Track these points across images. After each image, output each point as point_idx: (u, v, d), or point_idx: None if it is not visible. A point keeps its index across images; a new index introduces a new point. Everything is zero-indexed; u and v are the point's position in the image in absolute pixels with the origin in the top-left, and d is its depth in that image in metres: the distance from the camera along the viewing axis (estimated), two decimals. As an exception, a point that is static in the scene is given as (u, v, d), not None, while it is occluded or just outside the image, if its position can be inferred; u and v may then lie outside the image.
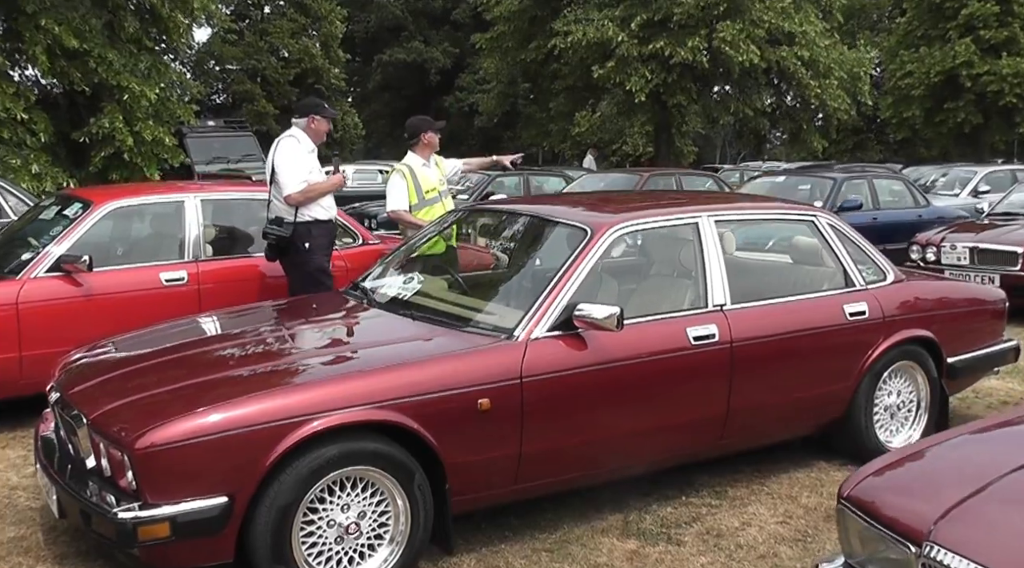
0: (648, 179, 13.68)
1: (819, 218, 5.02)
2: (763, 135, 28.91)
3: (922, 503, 2.57)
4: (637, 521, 4.41)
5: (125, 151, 12.58)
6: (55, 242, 5.85)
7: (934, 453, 3.00)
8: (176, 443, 3.36)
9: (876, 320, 4.89)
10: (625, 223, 4.41)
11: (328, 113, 6.31)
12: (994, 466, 2.70)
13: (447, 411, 3.75)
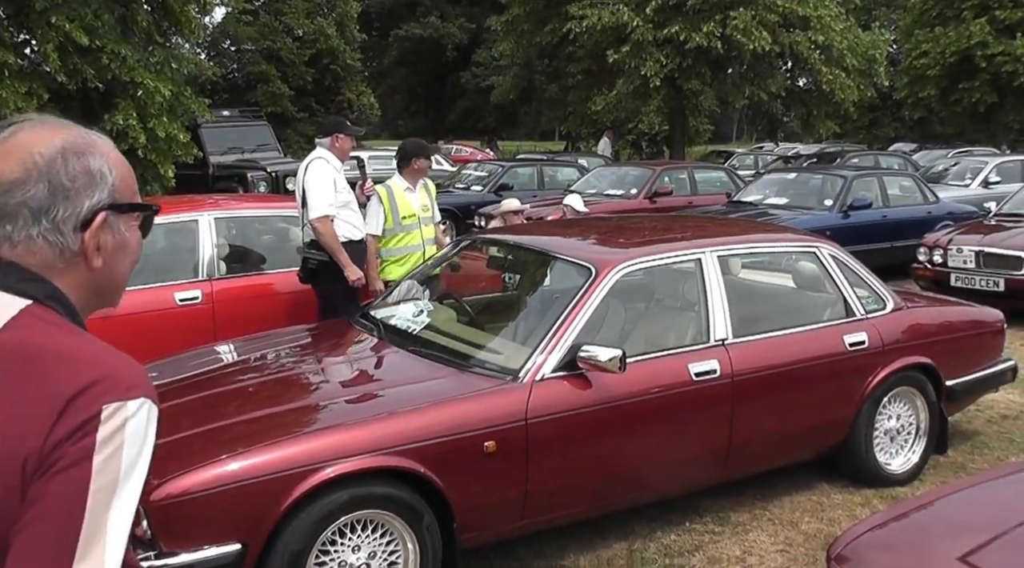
0: (660, 173, 13.74)
1: (821, 249, 5.10)
2: (777, 118, 28.85)
3: (908, 565, 2.68)
4: (641, 550, 4.52)
5: (139, 149, 12.67)
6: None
7: (926, 511, 3.10)
8: (192, 495, 3.48)
9: (876, 349, 4.97)
10: (630, 261, 4.50)
11: (351, 130, 6.39)
12: (984, 527, 2.80)
13: (454, 454, 3.87)
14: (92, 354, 1.27)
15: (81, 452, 1.19)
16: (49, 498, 1.17)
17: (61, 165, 1.32)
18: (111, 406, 1.22)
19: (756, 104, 23.90)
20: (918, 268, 9.87)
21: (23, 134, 1.34)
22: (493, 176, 16.49)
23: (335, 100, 38.30)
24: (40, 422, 1.19)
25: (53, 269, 1.34)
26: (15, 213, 1.31)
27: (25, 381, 1.22)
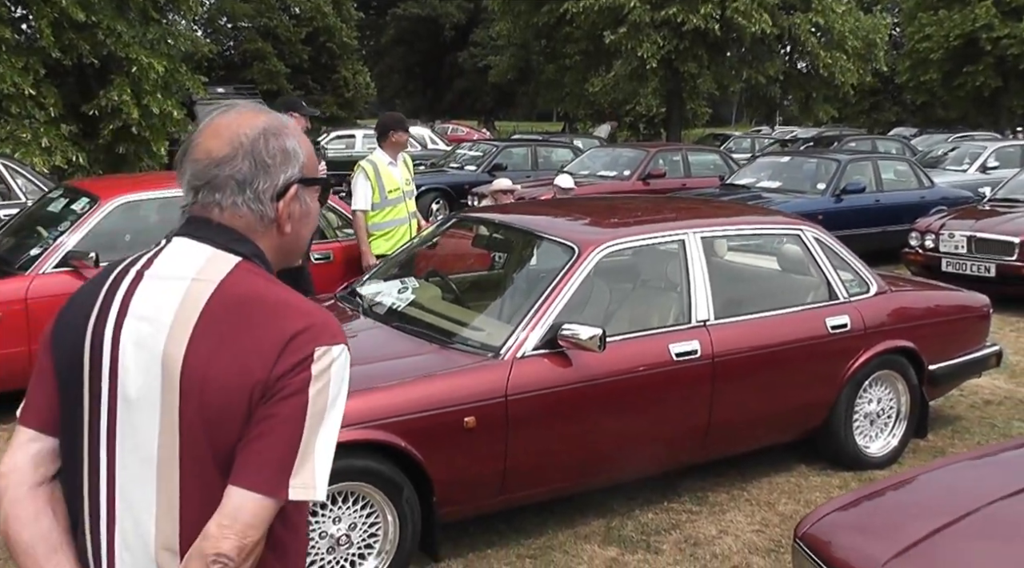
0: (654, 155, 13.76)
1: (805, 232, 5.13)
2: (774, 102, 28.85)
3: (873, 545, 2.72)
4: (619, 528, 4.58)
5: (133, 125, 12.67)
6: (63, 238, 6.01)
7: (895, 491, 3.15)
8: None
9: (858, 333, 5.02)
10: (613, 241, 4.53)
11: (306, 110, 6.39)
12: (952, 506, 2.86)
13: (434, 429, 3.92)
14: (304, 305, 1.53)
15: (299, 384, 1.45)
16: (274, 419, 1.43)
17: (263, 144, 1.57)
18: (321, 349, 1.48)
19: (754, 87, 23.87)
20: (909, 253, 9.91)
21: (229, 117, 1.60)
22: (487, 156, 16.52)
23: (331, 79, 38.23)
24: (265, 358, 1.45)
25: (254, 232, 1.59)
26: (224, 184, 1.56)
27: (251, 324, 1.48)
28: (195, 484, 1.46)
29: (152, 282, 1.54)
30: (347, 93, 39.03)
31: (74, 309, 1.60)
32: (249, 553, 1.43)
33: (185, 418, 1.45)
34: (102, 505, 1.53)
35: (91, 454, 1.53)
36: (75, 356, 1.55)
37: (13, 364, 5.70)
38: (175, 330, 1.48)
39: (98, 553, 1.54)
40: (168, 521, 1.47)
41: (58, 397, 1.57)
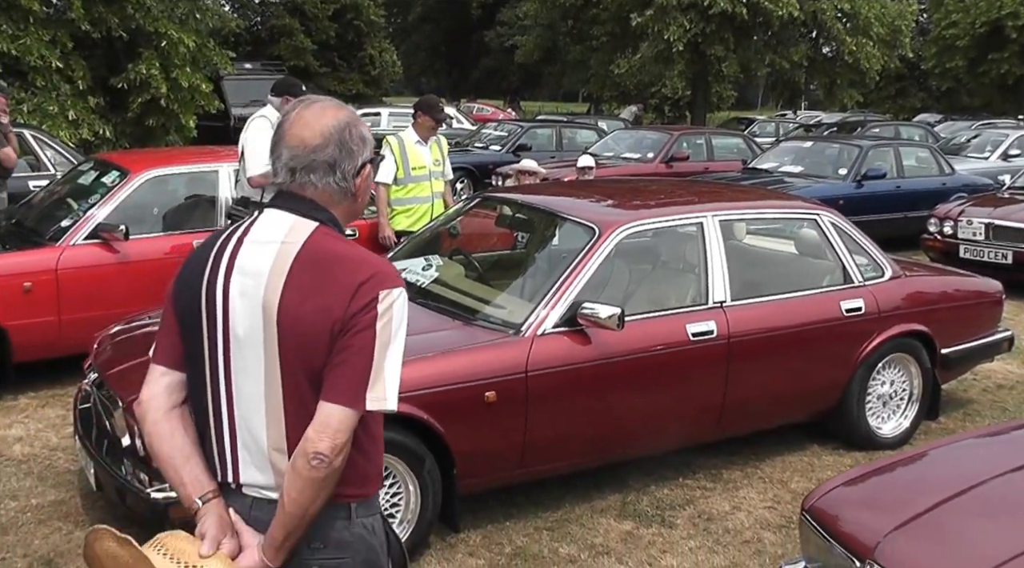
0: (678, 138, 13.80)
1: (822, 217, 5.20)
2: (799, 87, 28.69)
3: (876, 518, 2.82)
4: (635, 502, 4.70)
5: (161, 98, 12.81)
6: (93, 210, 6.15)
7: (899, 468, 3.24)
8: (204, 429, 3.67)
9: (872, 316, 5.09)
10: (633, 223, 4.62)
11: (302, 93, 6.48)
12: (958, 481, 2.95)
13: (456, 403, 4.03)
14: (369, 257, 1.96)
15: (368, 320, 1.86)
16: (351, 349, 1.86)
17: (347, 134, 1.98)
18: (384, 292, 1.88)
19: (778, 72, 23.76)
20: (928, 239, 9.93)
21: (315, 111, 2.00)
22: (512, 136, 16.58)
23: (357, 56, 38.22)
24: (341, 300, 1.86)
25: (334, 203, 2.00)
26: (317, 167, 1.97)
27: (329, 274, 1.89)
28: (294, 400, 1.90)
29: (251, 245, 1.96)
30: (373, 71, 39.02)
31: (189, 269, 2.02)
32: (339, 452, 1.84)
33: (283, 350, 1.89)
34: (224, 420, 1.98)
35: (213, 382, 1.98)
36: (193, 307, 1.97)
37: (44, 333, 5.86)
38: (271, 282, 1.90)
39: (223, 456, 2.00)
40: (276, 429, 1.92)
41: (182, 340, 2.00)
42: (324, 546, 1.96)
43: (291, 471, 1.87)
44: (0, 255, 5.98)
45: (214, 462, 2.01)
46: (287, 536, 1.90)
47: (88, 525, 4.30)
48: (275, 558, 1.92)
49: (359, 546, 2.00)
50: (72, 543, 4.14)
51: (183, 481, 1.99)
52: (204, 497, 1.97)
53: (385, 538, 2.09)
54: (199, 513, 1.97)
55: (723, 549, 4.28)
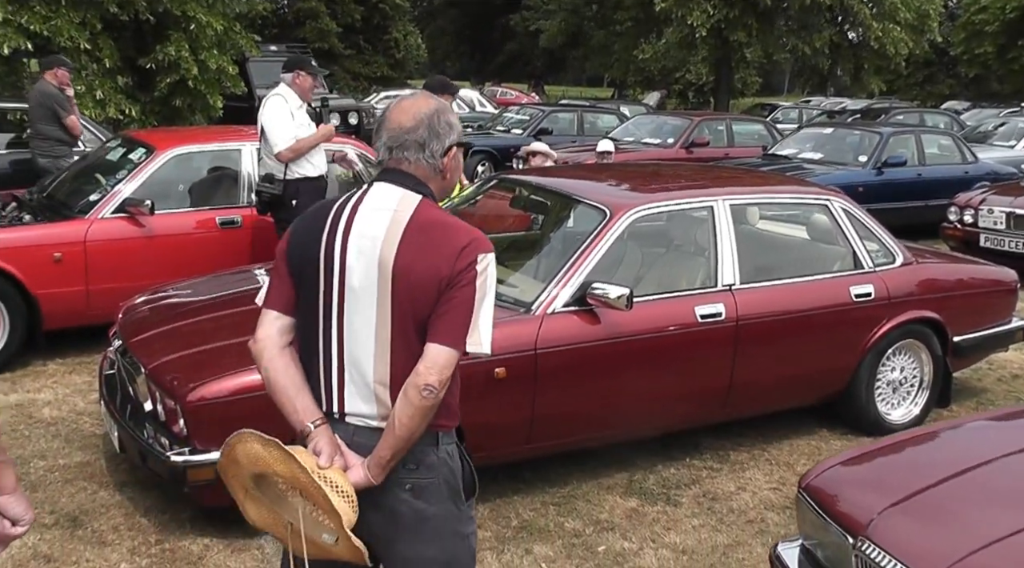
0: (698, 124, 13.81)
1: (832, 202, 5.25)
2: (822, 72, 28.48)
3: (871, 496, 2.90)
4: (641, 481, 4.79)
5: (190, 79, 12.95)
6: (120, 185, 6.29)
7: (899, 448, 3.31)
8: (223, 398, 3.80)
9: (881, 302, 5.15)
10: (644, 205, 4.69)
11: (313, 70, 6.57)
12: (957, 461, 3.02)
13: (466, 378, 4.10)
14: (467, 226, 2.31)
15: (470, 278, 2.22)
16: (455, 300, 2.21)
17: (436, 119, 2.34)
18: (482, 255, 2.25)
19: (802, 58, 23.62)
20: (948, 228, 9.92)
21: (411, 100, 2.39)
22: (534, 120, 16.64)
23: (382, 39, 38.32)
24: (448, 260, 2.21)
25: (428, 179, 2.36)
26: (410, 146, 2.32)
27: (437, 238, 2.24)
28: (401, 341, 2.24)
29: (366, 212, 2.30)
30: (398, 54, 39.15)
31: (302, 231, 2.38)
32: (444, 386, 2.21)
33: (395, 300, 2.23)
34: (334, 359, 2.31)
35: (325, 326, 2.31)
36: (309, 261, 2.32)
37: (72, 302, 6.02)
38: (386, 243, 2.24)
39: (330, 390, 2.32)
40: (382, 364, 2.26)
41: (294, 290, 2.35)
42: (417, 467, 2.31)
43: (403, 400, 2.21)
44: (32, 227, 6.14)
45: (320, 395, 2.33)
46: (393, 456, 2.24)
47: (112, 486, 4.46)
48: (379, 475, 2.26)
49: (442, 469, 2.34)
50: (96, 502, 4.29)
51: (296, 409, 2.31)
52: (315, 422, 2.30)
53: (460, 465, 2.41)
54: (311, 436, 2.28)
55: (726, 528, 4.37)
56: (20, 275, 5.85)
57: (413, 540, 2.33)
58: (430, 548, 2.34)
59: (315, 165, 6.43)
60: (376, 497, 2.27)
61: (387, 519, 2.31)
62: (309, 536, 2.27)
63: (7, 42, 11.00)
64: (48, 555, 3.83)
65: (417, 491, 2.31)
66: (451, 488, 2.36)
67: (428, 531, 2.33)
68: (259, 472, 2.28)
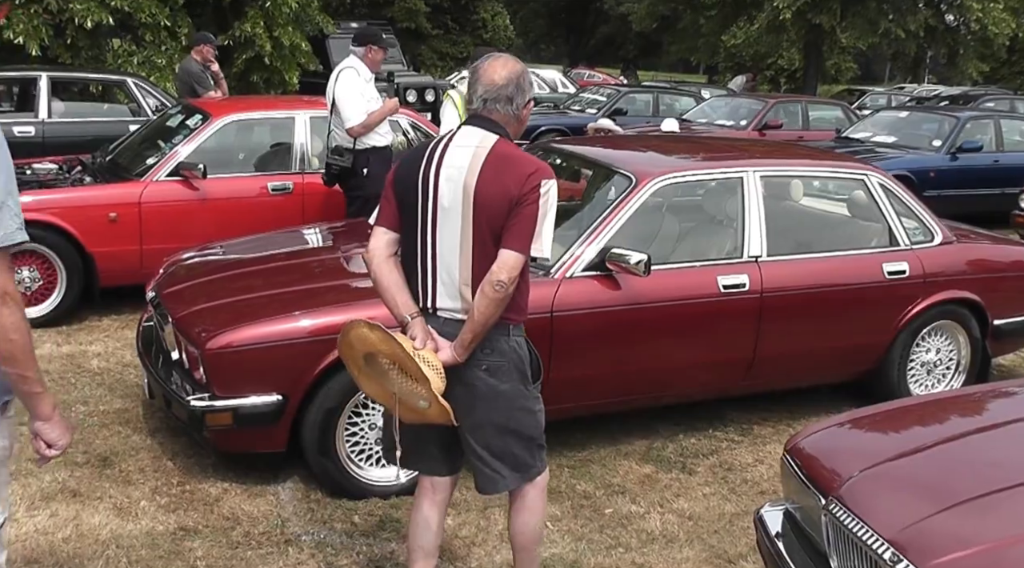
0: (773, 106, 13.59)
1: (870, 177, 5.15)
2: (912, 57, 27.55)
3: (847, 461, 2.88)
4: (660, 449, 4.81)
5: (265, 56, 13.26)
6: (175, 149, 6.53)
7: (887, 416, 3.27)
8: (241, 347, 3.94)
9: (916, 280, 5.04)
10: (670, 174, 4.68)
11: (385, 42, 6.68)
12: (933, 434, 2.99)
13: (480, 337, 4.19)
14: (534, 159, 2.91)
15: (534, 198, 2.79)
16: (521, 216, 2.78)
17: (522, 78, 2.94)
18: (544, 180, 2.82)
19: (894, 42, 22.91)
20: (1019, 215, 9.59)
21: (502, 60, 2.95)
22: (610, 100, 16.56)
23: (470, 19, 38.40)
24: (517, 184, 2.78)
25: (508, 124, 2.95)
26: (500, 98, 2.91)
27: (509, 167, 2.82)
28: (480, 249, 2.82)
29: (454, 148, 2.89)
30: (485, 34, 39.16)
31: (404, 166, 2.97)
32: (512, 282, 2.80)
33: (475, 216, 2.81)
34: (429, 264, 2.91)
35: (422, 238, 2.91)
36: (410, 188, 2.91)
37: (127, 261, 6.27)
38: (469, 171, 2.83)
39: (426, 289, 2.93)
40: (466, 269, 2.85)
41: (398, 211, 2.95)
42: (491, 351, 2.90)
43: (480, 293, 2.80)
44: (89, 187, 6.42)
45: (417, 293, 2.94)
46: (473, 338, 2.83)
47: (144, 431, 4.67)
48: (462, 354, 2.86)
49: (512, 355, 2.94)
50: (128, 445, 4.51)
51: (397, 303, 2.94)
52: (412, 314, 2.92)
53: (528, 354, 3.00)
54: (408, 325, 2.91)
55: (737, 497, 4.36)
56: (77, 233, 6.13)
57: (487, 409, 2.93)
58: (500, 416, 2.94)
59: (383, 135, 6.58)
60: (460, 374, 2.88)
61: (467, 391, 2.91)
62: (407, 403, 2.87)
63: (90, 16, 11.40)
64: (75, 490, 4.04)
65: (492, 370, 2.91)
66: (519, 371, 2.96)
67: (500, 403, 2.93)
68: (368, 352, 2.88)
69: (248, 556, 3.62)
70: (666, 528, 4.06)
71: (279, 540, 3.75)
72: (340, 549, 3.72)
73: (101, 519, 3.81)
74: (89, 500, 3.96)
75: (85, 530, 3.73)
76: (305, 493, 4.15)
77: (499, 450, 2.99)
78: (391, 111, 6.64)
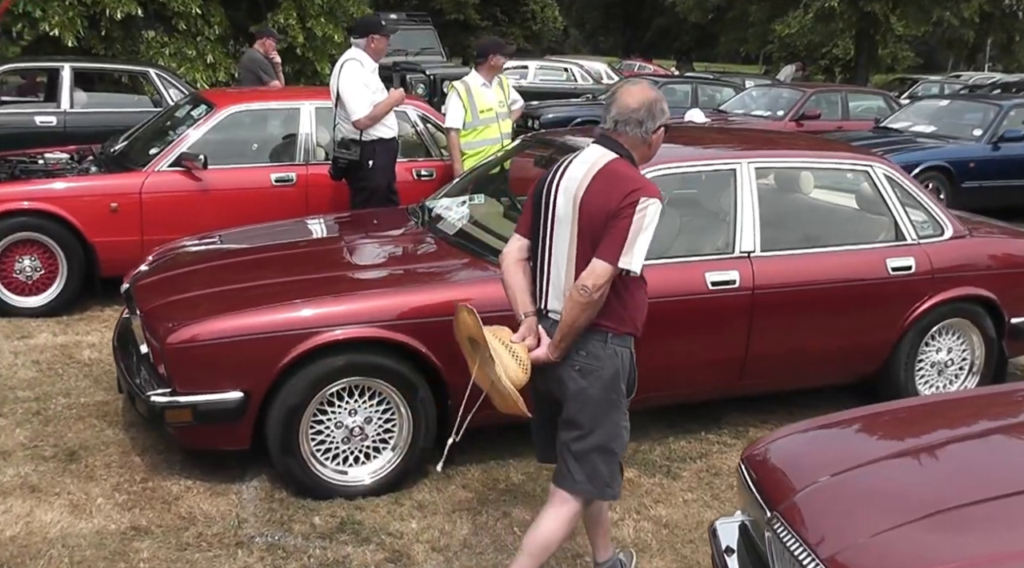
0: (810, 96, 13.23)
1: (874, 168, 4.88)
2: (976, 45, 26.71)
3: (794, 474, 2.69)
4: (647, 451, 4.62)
5: (297, 47, 13.26)
6: (179, 139, 6.48)
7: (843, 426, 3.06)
8: (201, 342, 3.85)
9: (923, 276, 4.78)
10: (657, 165, 4.47)
11: (386, 31, 6.54)
12: (892, 445, 2.78)
13: (451, 334, 4.05)
14: (643, 180, 3.06)
15: (630, 213, 2.94)
16: (616, 227, 2.94)
17: (655, 105, 3.08)
18: (645, 199, 2.96)
19: (946, 29, 22.22)
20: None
21: (638, 86, 3.14)
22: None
23: (519, 11, 38.30)
24: (617, 198, 2.96)
25: (635, 147, 3.11)
26: (631, 121, 3.06)
27: (615, 183, 2.99)
28: (582, 258, 3.01)
29: (576, 163, 3.13)
30: (534, 26, 39.05)
31: (542, 178, 3.23)
32: (598, 290, 2.95)
33: (580, 226, 3.03)
34: (544, 269, 3.15)
35: (541, 244, 3.16)
36: (539, 199, 3.18)
37: (128, 251, 6.21)
38: (580, 185, 3.04)
39: (541, 292, 3.17)
40: (570, 275, 3.04)
41: (531, 219, 3.21)
42: (585, 354, 3.07)
43: (568, 296, 3.01)
44: (91, 177, 6.41)
45: (535, 295, 3.19)
46: (562, 339, 3.03)
47: (119, 425, 4.61)
48: (553, 353, 3.07)
49: (607, 362, 3.07)
50: (100, 439, 4.45)
51: (518, 302, 3.20)
52: (526, 313, 3.17)
53: (628, 367, 3.13)
54: (521, 323, 3.16)
55: (719, 504, 4.16)
56: (77, 223, 6.11)
57: (576, 409, 3.11)
58: (587, 419, 3.10)
59: (389, 127, 6.46)
60: (555, 371, 3.11)
61: (559, 388, 3.13)
62: (499, 390, 3.09)
63: (120, 7, 11.47)
64: (35, 485, 3.98)
65: (583, 372, 3.08)
66: (613, 380, 3.09)
67: (588, 406, 3.09)
68: (470, 336, 3.22)
69: (195, 559, 3.53)
70: (639, 536, 3.88)
71: (230, 542, 3.65)
72: (291, 552, 3.61)
73: (54, 516, 3.74)
74: (46, 496, 3.90)
75: (35, 527, 3.66)
76: (269, 493, 4.05)
77: (580, 455, 3.12)
78: (397, 102, 6.52)
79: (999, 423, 2.97)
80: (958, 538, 2.20)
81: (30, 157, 6.94)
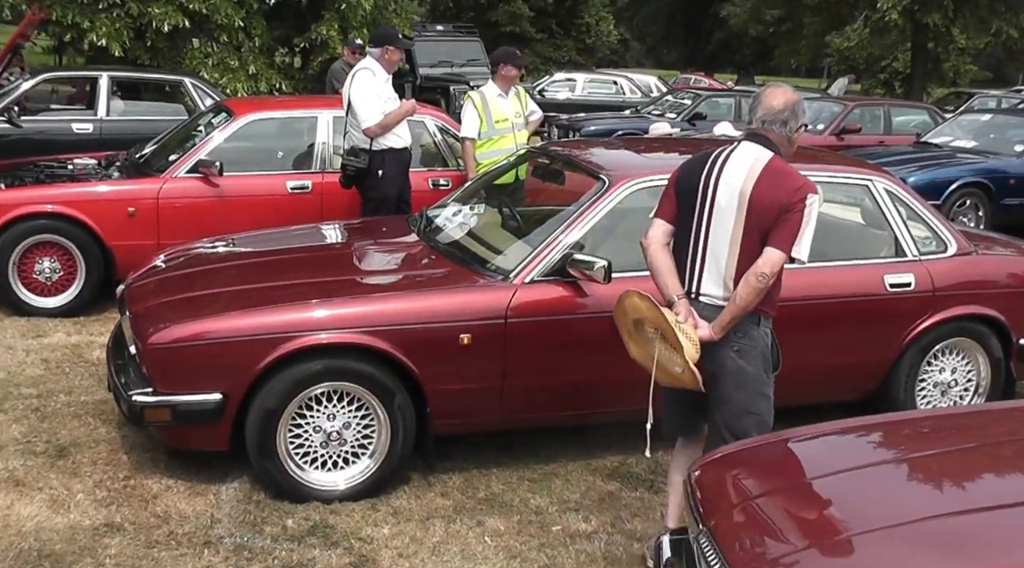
0: (851, 110, 13.02)
1: (875, 183, 4.78)
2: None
3: (730, 492, 2.65)
4: (632, 465, 4.57)
5: (338, 58, 13.43)
6: (197, 146, 6.61)
7: (784, 445, 3.01)
8: (180, 343, 3.92)
9: (924, 294, 4.66)
10: (645, 177, 4.44)
11: (402, 43, 6.59)
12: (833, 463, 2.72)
13: (430, 342, 4.07)
14: (801, 175, 3.33)
15: (800, 207, 3.24)
16: (789, 220, 3.23)
17: (798, 106, 3.38)
18: (811, 194, 3.26)
19: (1005, 41, 21.66)
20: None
21: (782, 89, 3.45)
22: (693, 104, 16.17)
23: (574, 23, 38.36)
24: (788, 194, 3.24)
25: (780, 145, 3.38)
26: (776, 121, 3.35)
27: (782, 180, 3.27)
28: (747, 247, 3.26)
29: (735, 159, 3.35)
30: (588, 39, 39.09)
31: (687, 169, 3.49)
32: (773, 276, 3.24)
33: (748, 219, 3.26)
34: (699, 254, 3.37)
35: (696, 231, 3.37)
36: (690, 188, 3.40)
37: (145, 255, 6.32)
38: (747, 179, 3.27)
39: (693, 276, 3.39)
40: (732, 261, 3.29)
41: (676, 207, 3.45)
42: (743, 335, 3.32)
43: (744, 281, 3.23)
44: (110, 181, 6.57)
45: (684, 279, 3.40)
46: (731, 320, 3.27)
47: (113, 424, 4.69)
48: (719, 333, 3.29)
49: (759, 341, 3.36)
50: (92, 437, 4.54)
51: (667, 284, 3.41)
52: (678, 295, 3.37)
53: (772, 343, 3.43)
54: (674, 304, 3.35)
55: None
56: (96, 226, 6.26)
57: (733, 386, 3.34)
58: (743, 395, 3.35)
59: (400, 137, 6.50)
60: (714, 352, 3.30)
61: (718, 367, 3.33)
62: (664, 367, 3.32)
63: (168, 19, 11.75)
64: (20, 480, 4.08)
65: (741, 352, 3.33)
66: (764, 358, 3.38)
67: (744, 382, 3.34)
68: (637, 318, 3.38)
69: (160, 557, 3.58)
70: (609, 550, 3.84)
71: (199, 541, 3.69)
72: (257, 553, 3.64)
73: (32, 511, 3.83)
74: (29, 491, 3.99)
75: (12, 521, 3.75)
76: (248, 494, 4.09)
77: (738, 431, 3.33)
78: (408, 112, 6.56)
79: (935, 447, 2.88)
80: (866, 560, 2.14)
81: (59, 162, 7.14)
